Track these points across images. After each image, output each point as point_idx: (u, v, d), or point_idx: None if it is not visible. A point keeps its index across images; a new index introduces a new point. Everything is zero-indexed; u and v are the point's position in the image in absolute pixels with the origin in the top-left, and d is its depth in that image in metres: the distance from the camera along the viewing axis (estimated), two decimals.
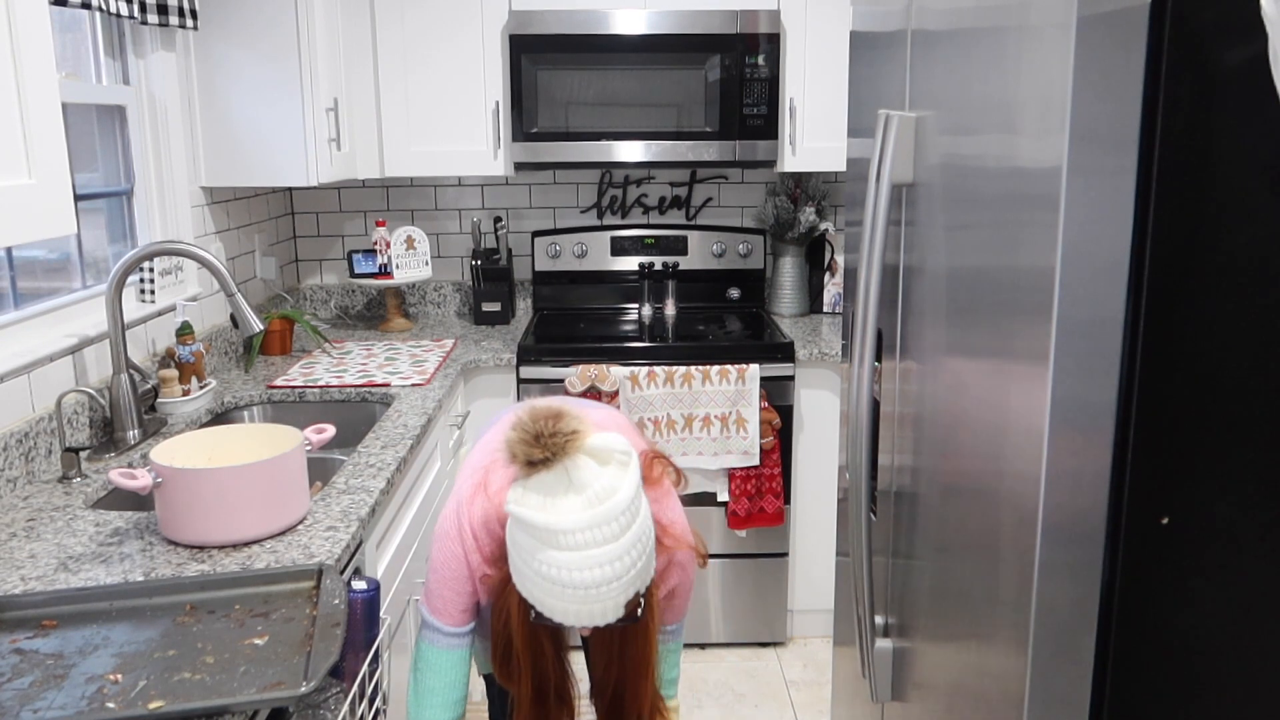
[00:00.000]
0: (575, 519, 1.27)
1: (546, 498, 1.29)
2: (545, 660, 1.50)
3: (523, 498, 1.31)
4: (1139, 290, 1.11)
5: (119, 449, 2.06)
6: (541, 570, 1.31)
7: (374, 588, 1.61)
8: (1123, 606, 1.18)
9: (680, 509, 1.61)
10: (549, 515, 1.28)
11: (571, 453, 1.30)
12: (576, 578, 1.29)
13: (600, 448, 1.32)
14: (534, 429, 1.30)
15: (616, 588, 1.30)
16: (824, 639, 3.25)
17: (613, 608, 1.32)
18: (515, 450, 1.31)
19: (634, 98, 3.03)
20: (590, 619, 1.34)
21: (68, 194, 1.36)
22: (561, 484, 1.29)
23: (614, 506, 1.28)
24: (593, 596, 1.30)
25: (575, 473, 1.29)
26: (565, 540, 1.28)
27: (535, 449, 1.29)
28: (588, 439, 1.31)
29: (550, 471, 1.30)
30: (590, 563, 1.28)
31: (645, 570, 1.35)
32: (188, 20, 2.49)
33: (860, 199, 1.80)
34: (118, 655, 1.27)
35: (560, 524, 1.27)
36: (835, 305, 3.42)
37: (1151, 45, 1.06)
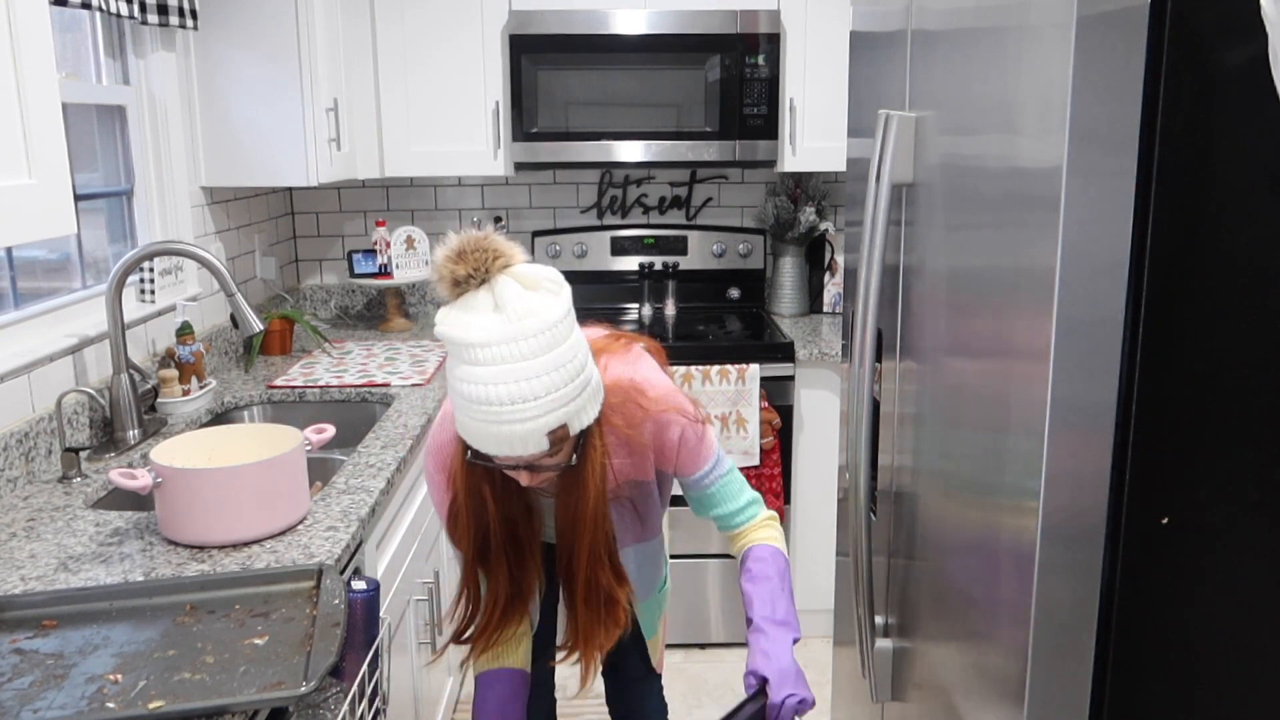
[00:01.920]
0: (489, 333, 1.26)
1: (468, 314, 1.28)
2: (486, 512, 1.47)
3: (446, 315, 1.30)
4: (1139, 290, 1.11)
5: (119, 449, 2.06)
6: (459, 388, 1.29)
7: (374, 588, 1.61)
8: (1123, 606, 1.18)
9: (660, 374, 1.57)
10: (466, 331, 1.27)
11: (495, 272, 1.29)
12: (487, 393, 1.26)
13: (528, 274, 1.30)
14: (459, 246, 1.29)
15: (531, 408, 1.26)
16: (824, 639, 3.25)
17: (529, 432, 1.28)
18: (442, 271, 1.29)
19: (634, 98, 3.03)
20: (507, 443, 1.29)
21: (68, 194, 1.36)
22: (485, 303, 1.28)
23: (531, 325, 1.26)
24: (506, 415, 1.26)
25: (498, 292, 1.28)
26: (478, 355, 1.26)
27: (459, 265, 1.28)
28: (515, 264, 1.30)
29: (475, 292, 1.29)
30: (502, 378, 1.25)
31: (572, 400, 1.31)
32: (188, 20, 2.49)
33: (860, 199, 1.80)
34: (118, 655, 1.27)
35: (474, 337, 1.26)
36: (835, 305, 3.42)
37: (1151, 45, 1.06)
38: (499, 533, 1.50)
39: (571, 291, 1.35)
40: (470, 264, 1.28)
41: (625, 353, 1.57)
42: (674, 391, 1.56)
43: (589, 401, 1.36)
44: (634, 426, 1.50)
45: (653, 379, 1.55)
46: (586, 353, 1.36)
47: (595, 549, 1.48)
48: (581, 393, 1.33)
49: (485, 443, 1.31)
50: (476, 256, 1.28)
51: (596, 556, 1.48)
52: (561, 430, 1.32)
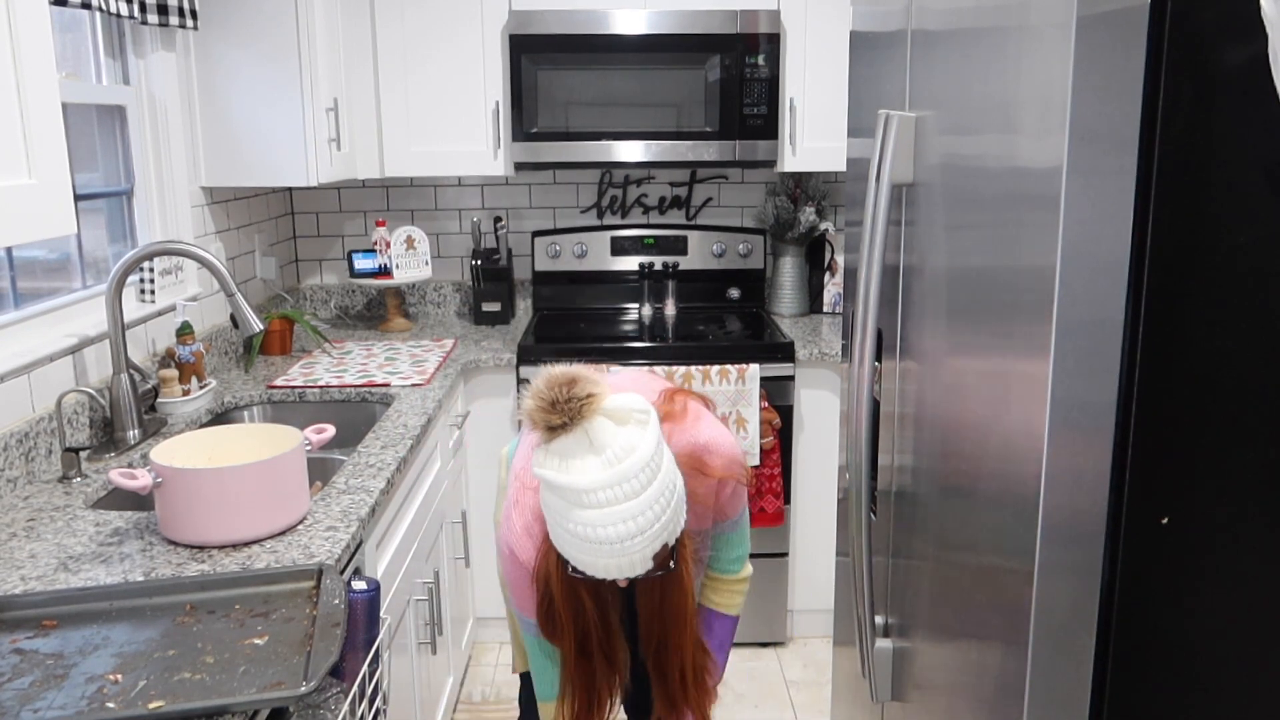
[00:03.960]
0: (595, 478, 1.32)
1: (567, 460, 1.34)
2: (585, 614, 1.54)
3: (545, 461, 1.36)
4: (1139, 290, 1.11)
5: (119, 449, 2.06)
6: (571, 529, 1.37)
7: (374, 588, 1.61)
8: (1123, 606, 1.18)
9: (719, 428, 1.65)
10: (571, 476, 1.33)
11: (588, 415, 1.34)
12: (602, 534, 1.34)
13: (617, 409, 1.36)
14: (550, 396, 1.35)
15: (641, 541, 1.35)
16: (824, 639, 3.25)
17: (640, 560, 1.38)
18: (535, 418, 1.36)
19: (634, 98, 3.03)
20: (620, 571, 1.39)
21: (68, 194, 1.36)
22: (581, 446, 1.34)
23: (633, 464, 1.33)
24: (619, 550, 1.35)
25: (594, 434, 1.34)
26: (588, 499, 1.33)
27: (553, 415, 1.34)
28: (604, 401, 1.35)
29: (570, 435, 1.34)
30: (614, 519, 1.33)
31: (671, 522, 1.39)
32: (188, 20, 2.49)
33: (860, 199, 1.80)
34: (118, 655, 1.27)
35: (581, 484, 1.32)
36: (835, 305, 3.42)
37: (1151, 45, 1.06)
38: (596, 626, 1.57)
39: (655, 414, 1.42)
40: (564, 414, 1.34)
41: (684, 418, 1.62)
42: (732, 448, 1.64)
43: (680, 512, 1.43)
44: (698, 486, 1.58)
45: (715, 439, 1.62)
46: (674, 471, 1.42)
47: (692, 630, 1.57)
48: (679, 511, 1.42)
49: (598, 571, 1.41)
50: (569, 407, 1.34)
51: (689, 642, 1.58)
52: (664, 550, 1.41)
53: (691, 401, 1.68)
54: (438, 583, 2.35)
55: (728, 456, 1.62)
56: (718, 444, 1.62)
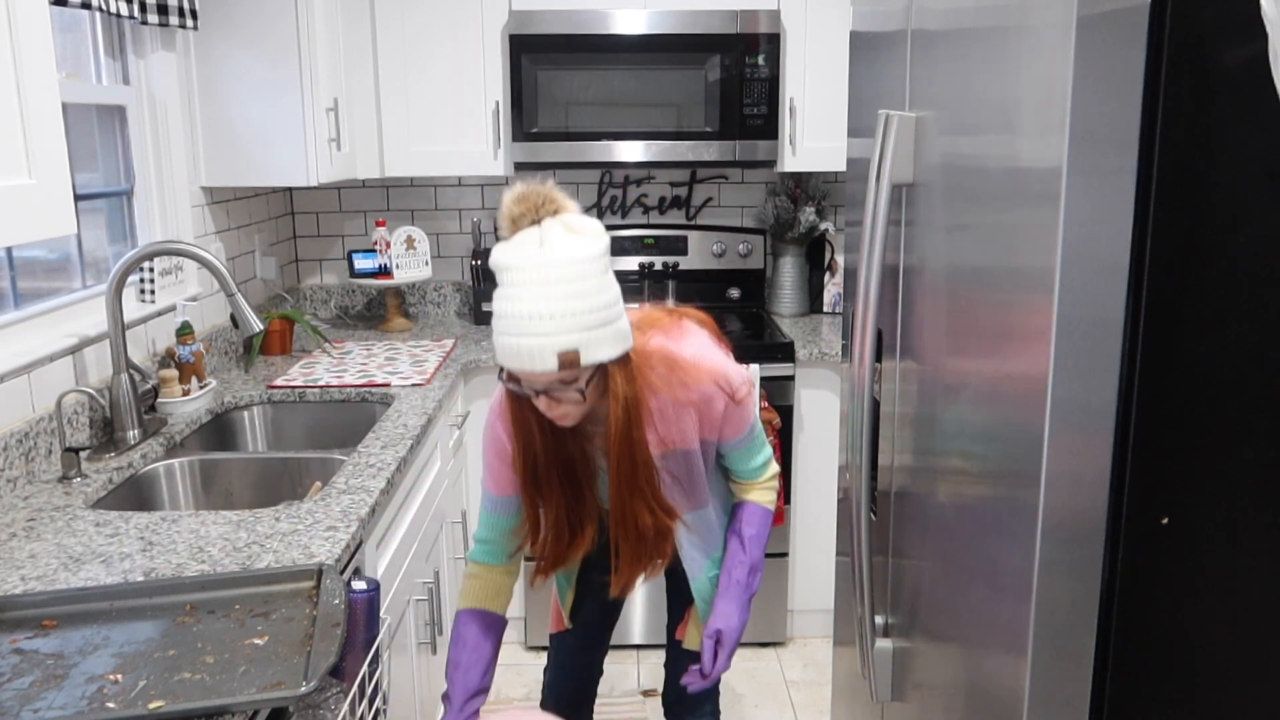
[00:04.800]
0: (525, 260, 1.41)
1: (514, 246, 1.44)
2: (535, 444, 1.61)
3: (498, 247, 1.46)
4: (1139, 290, 1.11)
5: (119, 449, 2.06)
6: (494, 306, 1.45)
7: (374, 588, 1.61)
8: (1123, 606, 1.18)
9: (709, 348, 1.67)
10: (509, 255, 1.43)
11: (546, 215, 1.45)
12: (512, 308, 1.42)
13: (574, 221, 1.46)
14: (519, 191, 1.46)
15: (547, 324, 1.40)
16: (824, 639, 3.25)
17: (540, 348, 1.41)
18: (504, 209, 1.47)
19: (634, 98, 3.03)
20: (524, 357, 1.42)
21: (68, 194, 1.36)
22: (532, 239, 1.44)
23: (563, 256, 1.41)
24: (525, 328, 1.41)
25: (545, 232, 1.44)
26: (514, 276, 1.42)
27: (516, 205, 1.45)
28: (564, 212, 1.47)
29: (527, 230, 1.45)
30: (525, 296, 1.41)
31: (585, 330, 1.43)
32: (188, 20, 2.49)
33: (860, 199, 1.80)
34: (118, 655, 1.27)
35: (511, 261, 1.42)
36: (835, 305, 3.42)
37: (1151, 45, 1.06)
38: (549, 464, 1.63)
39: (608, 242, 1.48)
40: (526, 205, 1.45)
41: (673, 327, 1.68)
42: (718, 364, 1.65)
43: (608, 339, 1.46)
44: (675, 392, 1.61)
45: (697, 350, 1.65)
46: (615, 299, 1.48)
47: (630, 483, 1.59)
48: (600, 327, 1.44)
49: (505, 356, 1.45)
50: (533, 199, 1.45)
51: (632, 489, 1.60)
52: (571, 354, 1.42)
53: (689, 320, 1.72)
54: (438, 583, 2.35)
55: (710, 371, 1.63)
56: (700, 358, 1.63)
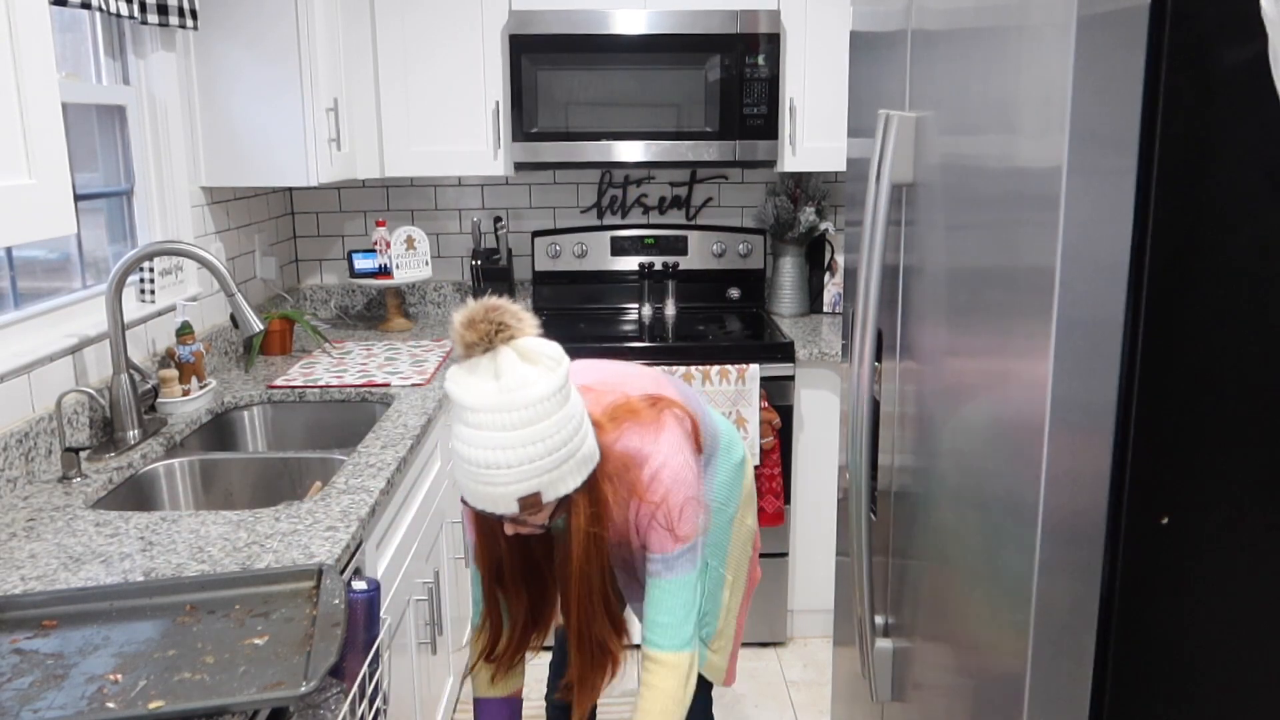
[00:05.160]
0: (481, 399, 1.35)
1: (469, 377, 1.38)
2: (499, 546, 1.57)
3: (453, 374, 1.40)
4: (1139, 290, 1.11)
5: (119, 449, 2.06)
6: (454, 445, 1.40)
7: (374, 588, 1.61)
8: (1123, 606, 1.18)
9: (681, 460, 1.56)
10: (464, 392, 1.36)
11: (499, 344, 1.38)
12: (470, 454, 1.37)
13: (529, 348, 1.39)
14: (472, 315, 1.39)
15: (504, 475, 1.36)
16: (824, 639, 3.25)
17: (503, 497, 1.38)
18: (455, 334, 1.40)
19: (634, 98, 3.03)
20: (483, 501, 1.40)
21: (68, 194, 1.36)
22: (488, 370, 1.37)
23: (521, 398, 1.35)
24: (482, 477, 1.37)
25: (499, 362, 1.37)
26: (469, 418, 1.36)
27: (468, 332, 1.38)
28: (520, 338, 1.39)
29: (481, 357, 1.38)
30: (484, 443, 1.35)
31: (546, 472, 1.38)
32: (188, 20, 2.49)
33: (860, 199, 1.80)
34: (118, 655, 1.27)
35: (467, 400, 1.36)
36: (835, 305, 3.42)
37: (1151, 45, 1.06)
38: (512, 564, 1.59)
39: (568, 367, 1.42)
40: (478, 332, 1.37)
41: (651, 423, 1.58)
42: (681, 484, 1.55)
43: (570, 473, 1.42)
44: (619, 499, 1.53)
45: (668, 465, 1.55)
46: (576, 427, 1.42)
47: (584, 599, 1.53)
48: (561, 465, 1.40)
49: (468, 495, 1.43)
50: (484, 327, 1.38)
51: (586, 607, 1.54)
52: (533, 497, 1.39)
53: (671, 416, 1.60)
54: (438, 583, 2.35)
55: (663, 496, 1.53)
56: (666, 470, 1.55)
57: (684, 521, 1.56)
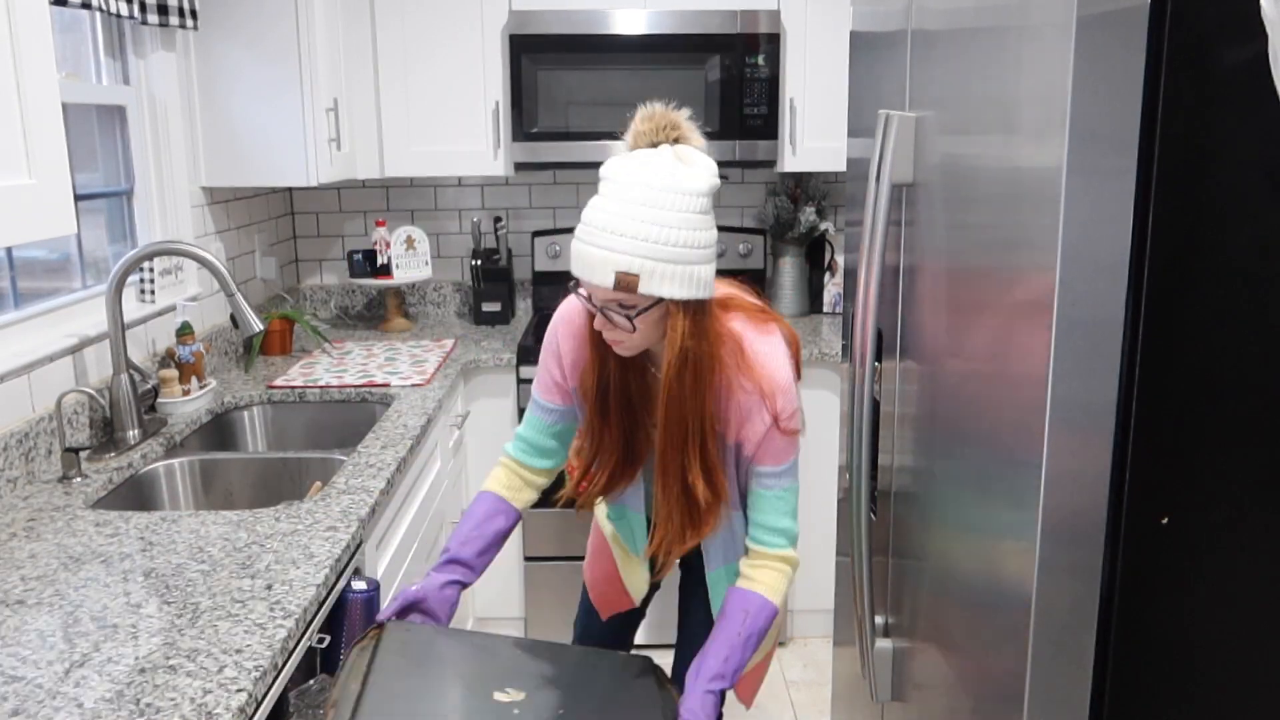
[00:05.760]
0: (623, 173, 1.41)
1: (624, 158, 1.44)
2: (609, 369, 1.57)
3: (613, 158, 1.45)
4: (1139, 290, 1.11)
5: (119, 449, 2.06)
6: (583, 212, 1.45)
7: (373, 588, 1.61)
8: (1123, 606, 1.18)
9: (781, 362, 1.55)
10: (611, 164, 1.43)
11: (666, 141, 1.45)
12: (591, 216, 1.41)
13: (689, 153, 1.44)
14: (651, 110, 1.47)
15: (614, 240, 1.38)
16: (824, 639, 3.25)
17: (604, 261, 1.39)
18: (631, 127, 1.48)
19: (634, 97, 3.01)
20: (586, 264, 1.41)
21: (68, 194, 1.36)
22: (642, 158, 1.42)
23: (658, 181, 1.39)
24: (594, 238, 1.40)
25: (658, 154, 1.43)
26: (605, 187, 1.42)
27: (643, 123, 1.46)
28: (686, 143, 1.45)
29: (644, 149, 1.44)
30: (607, 208, 1.40)
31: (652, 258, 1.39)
32: (188, 20, 2.49)
33: (860, 199, 1.80)
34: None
35: (611, 171, 1.42)
36: (835, 305, 3.42)
37: (1151, 45, 1.06)
38: (618, 392, 1.59)
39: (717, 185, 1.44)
40: (651, 124, 1.45)
41: (760, 323, 1.58)
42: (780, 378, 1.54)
43: (675, 276, 1.41)
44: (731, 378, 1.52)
45: (769, 355, 1.54)
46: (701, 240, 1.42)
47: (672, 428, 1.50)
48: (669, 262, 1.39)
49: (573, 260, 1.44)
50: (659, 120, 1.45)
51: (675, 438, 1.51)
52: (630, 278, 1.39)
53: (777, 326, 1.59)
54: None
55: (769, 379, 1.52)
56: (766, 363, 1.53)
57: (791, 421, 1.55)
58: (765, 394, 1.52)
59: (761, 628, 1.59)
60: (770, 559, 1.62)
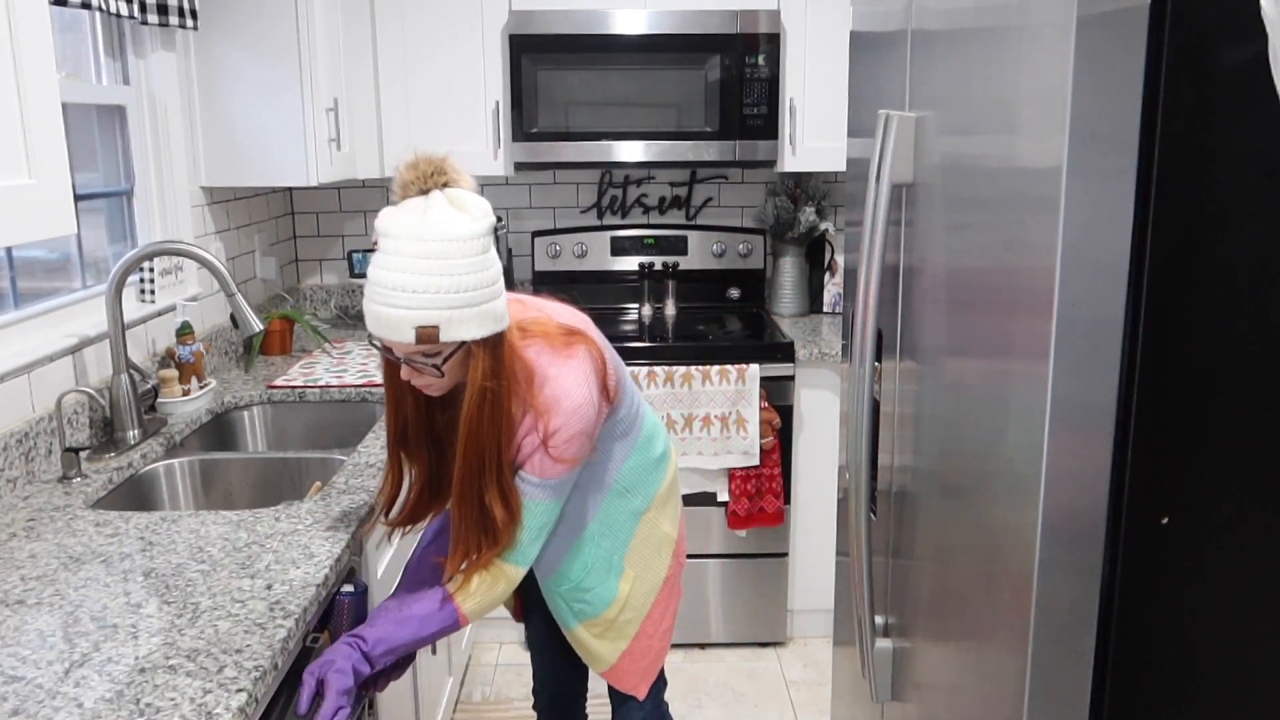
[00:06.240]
0: (401, 228, 1.40)
1: (397, 211, 1.43)
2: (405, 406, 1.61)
3: (383, 211, 1.45)
4: (1139, 290, 1.11)
5: (119, 449, 2.06)
6: (369, 271, 1.45)
7: (361, 590, 1.61)
8: (1123, 606, 1.18)
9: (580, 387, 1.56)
10: (387, 220, 1.42)
11: (435, 187, 1.44)
12: (379, 275, 1.41)
13: (460, 197, 1.44)
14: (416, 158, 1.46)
15: (408, 299, 1.40)
16: (824, 639, 3.25)
17: (399, 319, 1.41)
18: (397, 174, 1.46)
19: (634, 98, 3.03)
20: (383, 325, 1.42)
21: (68, 194, 1.36)
22: (416, 208, 1.42)
23: (438, 231, 1.40)
24: (387, 299, 1.41)
25: (429, 202, 1.43)
26: (387, 244, 1.41)
27: (408, 171, 1.45)
28: (456, 187, 1.46)
29: (414, 199, 1.44)
30: (394, 266, 1.40)
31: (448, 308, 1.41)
32: (188, 20, 2.49)
33: (860, 199, 1.80)
34: None
35: (388, 228, 1.41)
36: (835, 305, 3.42)
37: (1151, 45, 1.06)
38: (417, 427, 1.63)
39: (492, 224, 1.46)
40: (416, 173, 1.44)
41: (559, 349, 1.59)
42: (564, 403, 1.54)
43: (473, 319, 1.44)
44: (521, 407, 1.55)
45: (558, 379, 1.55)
46: (488, 279, 1.45)
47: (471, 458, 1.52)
48: (465, 307, 1.42)
49: (370, 322, 1.45)
50: (424, 168, 1.44)
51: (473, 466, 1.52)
52: (430, 330, 1.42)
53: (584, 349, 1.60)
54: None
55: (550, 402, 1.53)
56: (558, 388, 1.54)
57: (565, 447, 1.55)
58: (539, 413, 1.54)
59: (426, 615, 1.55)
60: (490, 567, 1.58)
